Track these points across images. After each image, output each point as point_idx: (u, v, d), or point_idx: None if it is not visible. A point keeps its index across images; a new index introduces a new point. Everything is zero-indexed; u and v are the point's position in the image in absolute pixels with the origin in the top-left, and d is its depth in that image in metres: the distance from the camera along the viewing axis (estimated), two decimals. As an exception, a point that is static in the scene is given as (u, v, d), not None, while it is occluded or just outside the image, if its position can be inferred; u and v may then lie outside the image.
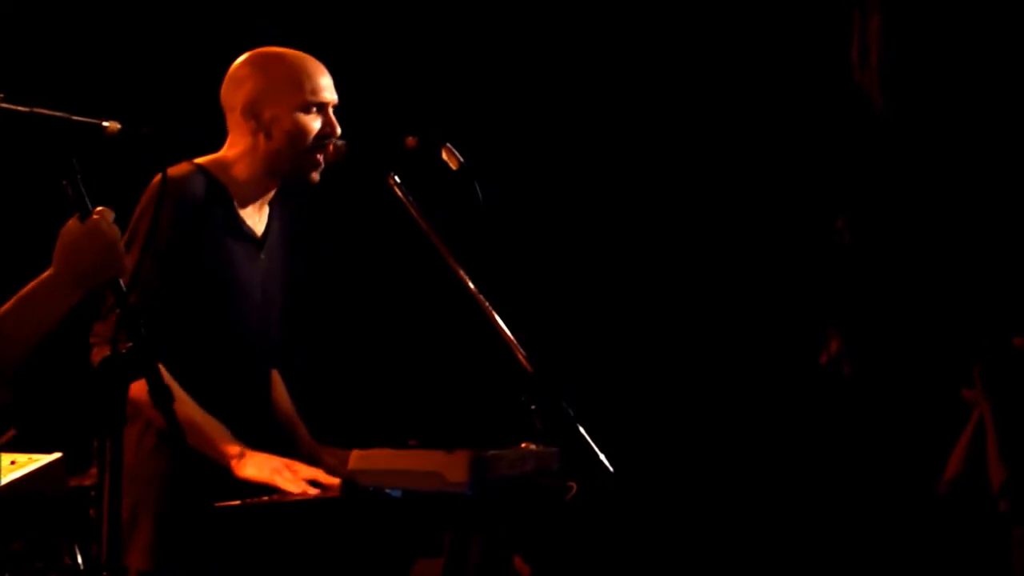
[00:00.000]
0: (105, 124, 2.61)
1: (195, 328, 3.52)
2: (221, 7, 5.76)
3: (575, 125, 5.93)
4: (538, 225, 5.84)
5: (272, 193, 3.71)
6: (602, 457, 3.35)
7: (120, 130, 2.62)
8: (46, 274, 2.54)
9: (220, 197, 3.59)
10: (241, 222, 3.63)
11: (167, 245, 3.43)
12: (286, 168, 3.64)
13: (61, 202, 2.60)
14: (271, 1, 5.83)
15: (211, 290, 3.55)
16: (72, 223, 2.57)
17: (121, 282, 2.62)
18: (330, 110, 3.65)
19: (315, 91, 3.62)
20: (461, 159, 3.52)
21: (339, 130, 3.65)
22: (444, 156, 3.54)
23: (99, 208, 2.58)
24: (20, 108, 2.56)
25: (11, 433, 4.19)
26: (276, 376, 3.91)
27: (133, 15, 5.71)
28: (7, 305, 2.50)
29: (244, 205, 3.65)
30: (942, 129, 5.55)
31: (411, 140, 3.59)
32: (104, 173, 2.76)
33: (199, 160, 3.63)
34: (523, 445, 3.48)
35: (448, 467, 3.24)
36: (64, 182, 2.58)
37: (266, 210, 3.72)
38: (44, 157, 2.58)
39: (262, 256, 3.68)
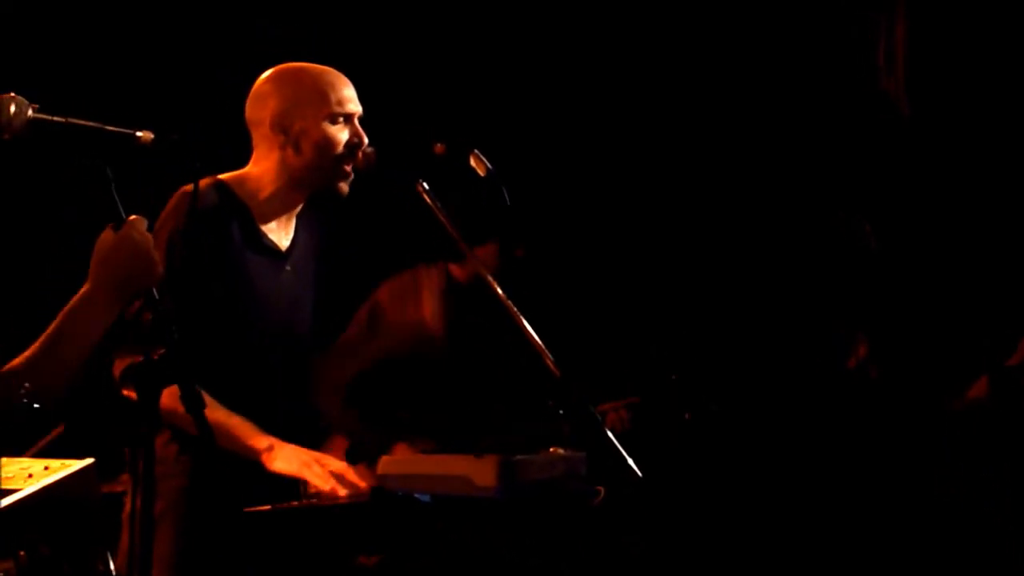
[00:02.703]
0: (138, 134, 2.63)
1: (213, 339, 3.53)
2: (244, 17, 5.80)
3: (607, 135, 5.95)
4: (564, 229, 5.85)
5: (299, 207, 3.73)
6: (630, 461, 3.36)
7: (153, 139, 2.63)
8: (84, 288, 2.55)
9: (238, 212, 3.61)
10: (261, 236, 3.65)
11: (180, 259, 3.46)
12: (315, 180, 3.66)
13: (96, 211, 2.62)
14: (298, 9, 5.85)
15: (227, 302, 3.56)
16: (106, 234, 2.58)
17: (154, 290, 2.63)
18: (356, 120, 3.68)
19: (341, 102, 3.65)
20: (489, 165, 3.53)
21: (366, 139, 3.67)
22: (472, 162, 3.55)
23: (132, 217, 2.60)
24: (55, 119, 2.57)
25: (60, 429, 4.23)
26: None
27: (143, 20, 5.75)
28: (53, 324, 2.50)
29: (266, 219, 3.67)
30: (968, 134, 5.55)
31: (439, 146, 3.60)
32: (137, 182, 2.78)
33: (222, 176, 3.65)
34: (551, 450, 3.50)
35: (477, 472, 3.26)
36: (98, 191, 2.59)
37: (293, 223, 3.74)
38: (78, 167, 2.60)
39: (288, 268, 3.70)
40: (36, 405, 2.41)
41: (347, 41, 5.68)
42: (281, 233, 3.70)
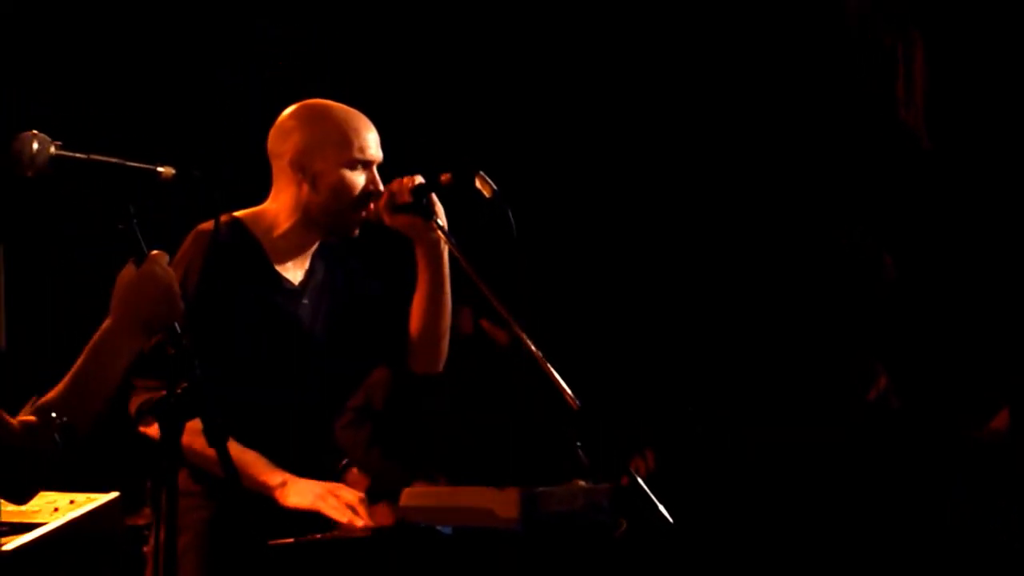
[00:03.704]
0: (160, 169, 2.64)
1: (227, 375, 3.53)
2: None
3: (624, 157, 5.96)
4: (580, 249, 5.86)
5: (315, 246, 3.74)
6: (651, 495, 3.36)
7: (175, 175, 2.65)
8: (106, 324, 2.54)
9: (252, 250, 3.63)
10: (275, 273, 3.66)
11: (196, 297, 3.47)
12: (327, 222, 3.67)
13: (118, 247, 2.63)
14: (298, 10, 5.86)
15: (242, 340, 3.57)
16: (128, 269, 2.58)
17: (176, 325, 2.63)
18: (375, 168, 3.68)
19: (362, 149, 3.64)
20: (494, 187, 3.52)
21: (382, 187, 3.68)
22: (478, 184, 3.54)
23: (154, 252, 2.60)
24: (77, 155, 2.58)
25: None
26: None
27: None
28: (79, 360, 2.49)
29: (281, 257, 3.67)
30: (987, 164, 5.55)
31: (445, 176, 3.60)
32: (158, 217, 2.80)
33: (238, 213, 3.67)
34: (573, 481, 3.50)
35: (499, 504, 3.26)
36: (120, 226, 2.60)
37: (308, 258, 3.75)
38: (101, 203, 2.62)
39: (303, 302, 3.71)
40: (66, 439, 2.41)
41: (346, 42, 5.71)
42: (296, 269, 3.71)
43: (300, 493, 3.46)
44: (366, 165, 3.66)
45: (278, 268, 3.67)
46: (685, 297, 5.96)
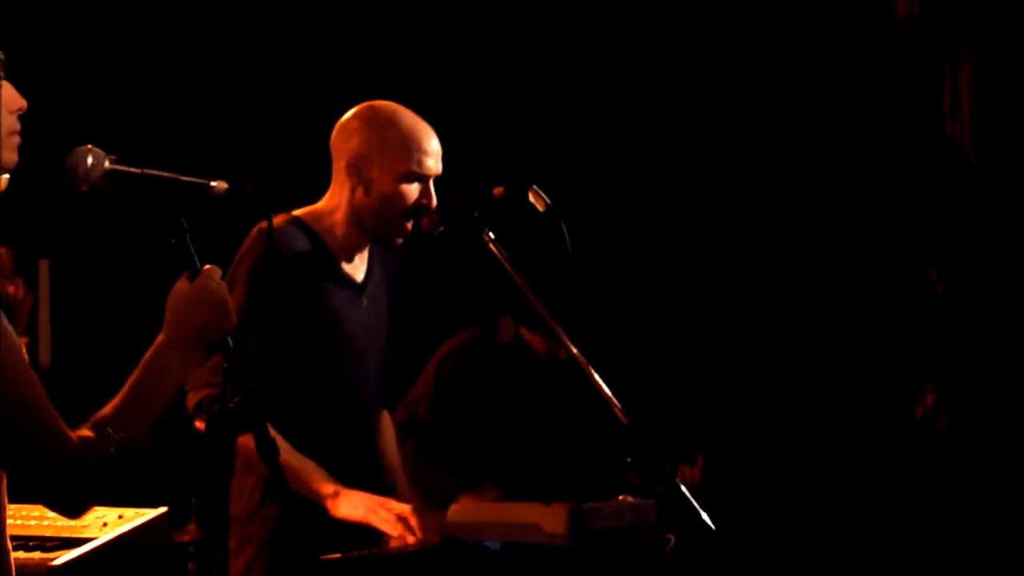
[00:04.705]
0: (212, 184, 2.65)
1: (293, 374, 3.55)
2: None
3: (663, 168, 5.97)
4: (627, 256, 5.85)
5: (369, 246, 3.75)
6: (701, 510, 3.35)
7: (227, 190, 2.65)
8: (159, 339, 2.53)
9: (317, 247, 3.64)
10: (340, 269, 3.67)
11: (262, 295, 3.47)
12: (373, 228, 3.67)
13: (170, 262, 2.63)
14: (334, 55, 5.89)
15: (311, 336, 3.59)
16: (181, 284, 2.57)
17: (228, 339, 2.63)
18: (431, 182, 3.68)
19: (420, 163, 3.63)
20: (548, 200, 3.51)
21: (435, 203, 3.67)
22: (531, 198, 3.53)
23: (207, 267, 2.59)
24: (131, 169, 2.58)
25: None
26: (387, 420, 3.94)
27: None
28: (134, 375, 2.48)
29: (343, 253, 3.69)
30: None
31: (498, 189, 3.58)
32: (210, 231, 2.80)
33: (297, 212, 3.68)
34: (620, 498, 3.50)
35: (547, 519, 3.26)
36: (173, 241, 2.61)
37: (366, 256, 3.76)
38: (153, 217, 2.62)
39: (364, 301, 3.72)
40: (122, 454, 2.41)
41: (396, 50, 5.73)
42: (357, 266, 3.73)
43: (352, 505, 3.47)
44: (422, 179, 3.65)
45: (342, 265, 3.67)
46: (734, 306, 5.94)
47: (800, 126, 5.84)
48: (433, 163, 3.66)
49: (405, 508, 3.47)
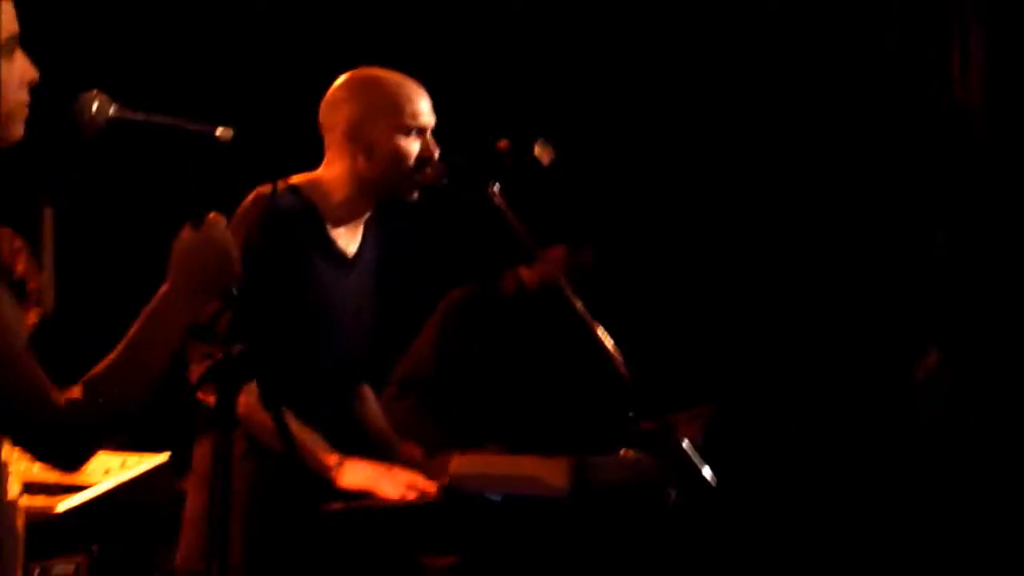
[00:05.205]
0: (218, 131, 2.63)
1: (278, 343, 3.53)
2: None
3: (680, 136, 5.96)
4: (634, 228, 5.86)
5: (367, 214, 3.73)
6: (703, 468, 3.36)
7: (232, 136, 2.63)
8: (163, 289, 2.51)
9: (310, 216, 3.62)
10: (331, 242, 3.65)
11: (254, 262, 3.46)
12: (384, 190, 3.66)
13: (173, 210, 2.62)
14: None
15: (295, 307, 3.57)
16: (186, 232, 2.55)
17: (233, 288, 2.62)
18: (428, 133, 3.67)
19: (414, 115, 3.63)
20: (554, 153, 3.50)
21: (437, 152, 3.67)
22: (536, 151, 3.52)
23: (212, 214, 2.57)
24: (136, 117, 2.56)
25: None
26: (369, 393, 3.94)
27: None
28: (134, 328, 2.46)
29: (336, 225, 3.67)
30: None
31: (503, 143, 3.58)
32: (214, 179, 2.78)
33: (293, 179, 3.67)
34: (622, 452, 3.50)
35: (549, 472, 3.27)
36: (177, 189, 2.59)
37: (360, 229, 3.75)
38: (158, 164, 2.61)
39: (353, 275, 3.71)
40: (111, 418, 2.40)
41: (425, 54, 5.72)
42: (349, 239, 3.71)
43: (356, 473, 3.46)
44: (420, 131, 3.64)
45: (334, 236, 3.66)
46: (749, 276, 5.95)
47: (810, 90, 5.83)
48: (427, 114, 3.66)
49: (411, 476, 3.46)
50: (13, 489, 2.48)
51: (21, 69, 2.41)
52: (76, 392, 2.37)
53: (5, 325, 2.32)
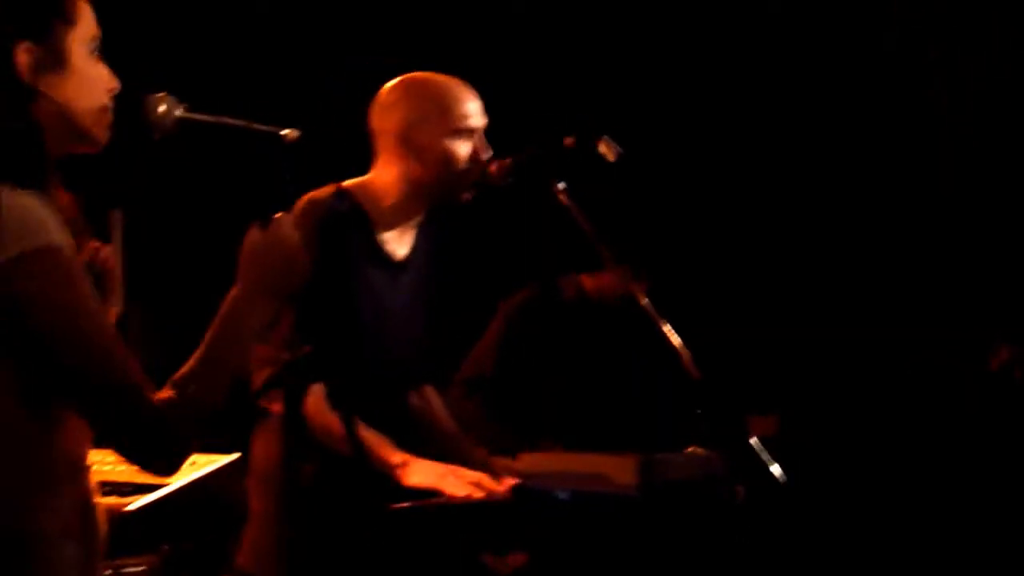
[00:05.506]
0: (284, 132, 2.64)
1: (332, 347, 3.52)
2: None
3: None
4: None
5: (420, 217, 3.73)
6: (772, 465, 3.34)
7: (299, 137, 2.64)
8: (235, 290, 2.51)
9: (360, 221, 3.63)
10: (380, 247, 3.66)
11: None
12: (437, 193, 3.67)
13: (243, 210, 2.62)
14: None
15: (346, 312, 3.58)
16: (254, 233, 2.55)
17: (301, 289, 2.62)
18: (480, 134, 3.67)
19: (464, 116, 3.64)
20: (619, 150, 3.49)
21: (490, 153, 3.66)
22: (602, 149, 3.51)
23: (279, 215, 2.57)
24: (204, 117, 2.57)
25: None
26: (433, 393, 3.93)
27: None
28: (211, 330, 2.45)
29: (387, 229, 3.67)
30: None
31: (568, 139, 3.57)
32: (280, 180, 2.78)
33: (345, 184, 3.68)
34: (690, 449, 3.49)
35: (617, 470, 3.27)
36: (245, 190, 2.60)
37: (412, 232, 3.75)
38: (226, 165, 2.62)
39: (405, 279, 3.71)
40: (202, 412, 2.40)
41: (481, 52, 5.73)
42: (401, 243, 3.71)
43: (422, 472, 3.46)
44: (470, 133, 3.65)
45: (384, 241, 3.67)
46: (814, 272, 5.92)
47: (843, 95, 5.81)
48: (477, 115, 3.67)
49: (477, 475, 3.46)
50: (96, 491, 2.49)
51: (103, 76, 2.43)
52: (168, 392, 2.36)
53: (101, 324, 2.30)
